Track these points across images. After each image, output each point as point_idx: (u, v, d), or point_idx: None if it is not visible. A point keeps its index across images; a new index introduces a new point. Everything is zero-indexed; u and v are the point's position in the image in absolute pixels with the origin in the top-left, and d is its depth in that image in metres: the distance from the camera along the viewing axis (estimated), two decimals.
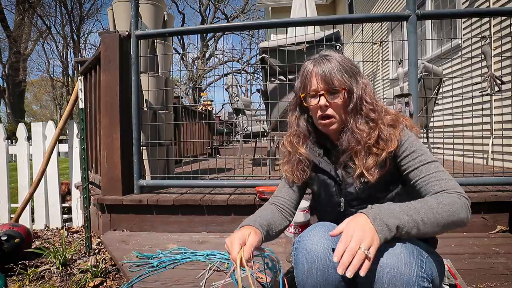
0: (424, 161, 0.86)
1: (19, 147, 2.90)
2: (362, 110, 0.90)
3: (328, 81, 0.89)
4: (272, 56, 2.51)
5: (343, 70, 0.90)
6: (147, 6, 2.64)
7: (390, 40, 5.73)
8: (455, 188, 0.81)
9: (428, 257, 0.77)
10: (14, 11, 20.51)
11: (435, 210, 0.75)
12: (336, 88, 0.89)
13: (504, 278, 1.29)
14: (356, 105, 0.90)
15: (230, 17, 23.36)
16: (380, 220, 0.72)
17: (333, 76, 0.89)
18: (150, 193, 2.22)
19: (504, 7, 3.03)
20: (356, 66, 0.94)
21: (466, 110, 3.12)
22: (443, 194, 0.80)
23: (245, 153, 4.99)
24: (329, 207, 1.00)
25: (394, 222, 0.72)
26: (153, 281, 1.40)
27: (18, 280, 1.68)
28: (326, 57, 0.92)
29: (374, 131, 0.89)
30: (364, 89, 0.92)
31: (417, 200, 0.79)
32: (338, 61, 0.91)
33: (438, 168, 0.86)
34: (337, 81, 0.89)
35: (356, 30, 7.81)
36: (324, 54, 0.93)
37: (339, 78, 0.89)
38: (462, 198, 0.79)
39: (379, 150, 0.88)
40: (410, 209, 0.75)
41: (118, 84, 2.14)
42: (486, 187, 2.02)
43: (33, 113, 30.32)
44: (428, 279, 0.73)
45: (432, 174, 0.85)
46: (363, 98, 0.91)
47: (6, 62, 20.14)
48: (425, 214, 0.74)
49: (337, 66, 0.90)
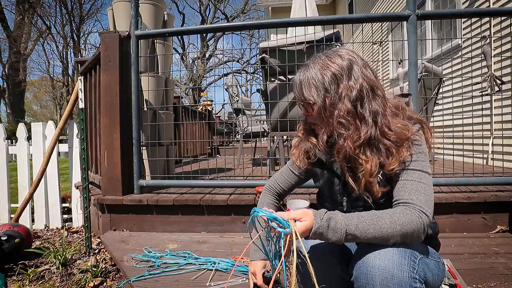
0: (411, 167, 0.84)
1: (19, 147, 2.90)
2: (339, 117, 0.85)
3: (300, 93, 0.90)
4: (272, 56, 2.51)
5: (314, 82, 0.87)
6: (147, 6, 2.64)
7: (390, 40, 5.73)
8: (421, 205, 0.79)
9: (422, 259, 0.78)
10: (14, 11, 20.54)
11: (385, 230, 0.76)
12: (305, 99, 0.89)
13: (504, 278, 1.29)
14: (331, 114, 0.87)
15: (230, 17, 23.36)
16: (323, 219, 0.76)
17: (301, 88, 0.89)
18: (150, 193, 2.22)
19: (504, 7, 3.03)
20: (345, 68, 0.86)
21: (466, 110, 3.12)
22: (403, 211, 0.78)
23: (245, 153, 4.99)
24: (331, 205, 1.00)
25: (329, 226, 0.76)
26: (153, 281, 1.40)
27: (18, 280, 1.68)
28: (308, 65, 0.90)
29: (355, 135, 0.85)
30: (343, 98, 0.85)
31: (371, 215, 0.79)
32: (313, 72, 0.88)
33: (421, 179, 0.83)
34: (303, 94, 0.89)
35: (356, 30, 7.80)
36: (308, 61, 0.92)
37: (304, 93, 0.89)
38: (421, 218, 0.77)
39: (363, 159, 0.85)
40: (359, 219, 0.77)
41: (118, 84, 2.14)
42: (486, 187, 2.02)
43: (33, 113, 30.33)
44: (421, 280, 0.75)
45: (410, 181, 0.82)
46: (339, 106, 0.85)
47: (6, 62, 20.14)
48: (372, 231, 0.76)
49: (307, 79, 0.88)
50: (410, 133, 0.84)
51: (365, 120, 0.84)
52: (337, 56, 0.87)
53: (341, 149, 0.86)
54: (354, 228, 0.75)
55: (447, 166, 2.41)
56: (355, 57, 0.88)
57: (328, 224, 0.75)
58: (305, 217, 0.76)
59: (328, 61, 0.87)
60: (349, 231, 0.75)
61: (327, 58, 0.88)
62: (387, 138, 0.84)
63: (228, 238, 1.91)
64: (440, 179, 2.02)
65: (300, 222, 0.75)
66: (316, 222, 0.75)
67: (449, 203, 1.81)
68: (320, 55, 0.91)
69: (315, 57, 0.92)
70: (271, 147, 2.93)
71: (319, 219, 0.75)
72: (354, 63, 0.86)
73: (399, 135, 0.83)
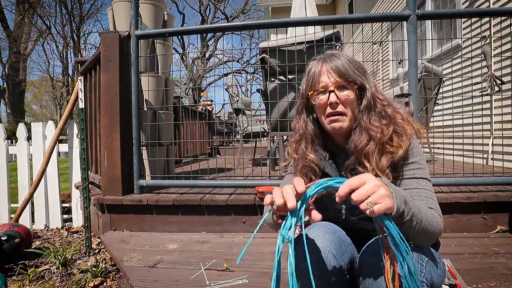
0: (419, 175, 0.86)
1: (19, 147, 2.90)
2: (376, 107, 0.88)
3: (341, 75, 0.87)
4: (272, 56, 2.50)
5: (354, 66, 0.88)
6: (147, 6, 2.64)
7: (390, 40, 5.73)
8: (439, 211, 0.82)
9: (429, 261, 0.77)
10: (14, 11, 20.54)
11: (427, 226, 0.75)
12: (349, 81, 0.87)
13: (504, 278, 1.29)
14: (369, 102, 0.88)
15: (230, 17, 23.36)
16: (394, 190, 0.68)
17: (347, 69, 0.87)
18: (150, 193, 2.22)
19: (504, 7, 3.03)
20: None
21: (466, 110, 3.12)
22: (435, 214, 0.80)
23: (245, 153, 4.99)
24: (330, 212, 0.97)
25: (405, 198, 0.69)
26: (153, 281, 1.40)
27: (18, 280, 1.68)
28: (334, 55, 0.90)
29: (388, 127, 0.86)
30: (375, 86, 0.90)
31: (420, 204, 0.77)
32: (347, 58, 0.89)
33: (428, 187, 0.86)
34: (350, 75, 0.87)
35: (356, 30, 7.80)
36: (331, 53, 0.91)
37: (351, 73, 0.87)
38: (442, 225, 0.80)
39: (393, 147, 0.85)
40: (418, 206, 0.74)
41: (118, 84, 2.14)
42: (486, 187, 2.02)
43: (33, 113, 30.32)
44: (428, 283, 0.74)
45: (422, 190, 0.84)
46: (376, 94, 0.89)
47: (6, 62, 20.14)
48: (425, 220, 0.74)
49: (347, 63, 0.88)
50: (409, 130, 0.88)
51: (388, 116, 0.88)
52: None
53: (364, 141, 0.85)
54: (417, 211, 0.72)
55: (447, 166, 2.41)
56: None
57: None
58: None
59: (352, 58, 0.91)
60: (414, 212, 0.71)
61: (345, 55, 0.91)
62: (397, 135, 0.87)
63: (228, 238, 1.91)
64: (440, 179, 2.02)
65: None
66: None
67: (449, 203, 1.81)
68: (332, 51, 0.93)
69: (331, 52, 0.92)
70: (271, 147, 2.93)
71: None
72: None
73: (403, 131, 0.88)
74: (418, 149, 0.89)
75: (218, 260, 1.57)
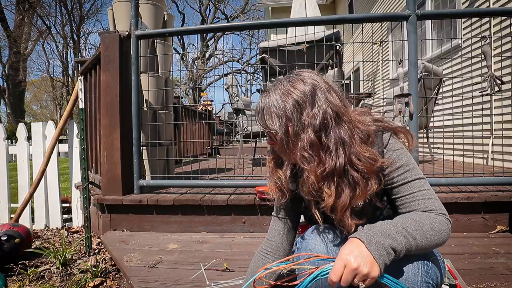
0: (410, 178, 0.81)
1: (19, 147, 2.90)
2: (304, 151, 0.79)
3: (261, 121, 0.84)
4: (272, 56, 2.51)
5: (274, 112, 0.81)
6: (147, 6, 2.63)
7: (390, 40, 5.73)
8: (441, 210, 0.79)
9: (433, 262, 0.77)
10: (14, 11, 20.53)
11: (429, 237, 0.73)
12: (268, 130, 0.83)
13: (504, 278, 1.29)
14: (294, 146, 0.80)
15: (230, 17, 23.38)
16: (376, 244, 0.67)
17: (264, 117, 0.83)
18: (150, 193, 2.22)
19: (504, 7, 3.03)
20: (308, 94, 0.79)
21: (466, 110, 3.12)
22: (435, 218, 0.77)
23: (245, 153, 4.99)
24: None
25: (391, 244, 0.68)
26: (153, 281, 1.40)
27: (18, 280, 1.68)
28: (270, 91, 0.84)
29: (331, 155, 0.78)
30: (309, 123, 0.78)
31: (409, 220, 0.74)
32: (273, 99, 0.82)
33: (423, 186, 0.81)
34: (268, 123, 0.82)
35: (356, 30, 7.80)
36: (275, 82, 0.85)
37: (267, 121, 0.82)
38: (449, 223, 0.78)
39: (363, 166, 0.79)
40: (406, 231, 0.71)
41: (118, 84, 2.14)
42: (486, 187, 2.02)
43: (33, 113, 30.33)
44: (433, 284, 0.75)
45: (417, 193, 0.80)
46: (300, 137, 0.79)
47: (6, 62, 20.14)
48: (420, 240, 0.71)
49: (271, 107, 0.82)
50: (378, 163, 0.79)
51: (330, 151, 0.78)
52: (299, 81, 0.81)
53: (305, 182, 0.81)
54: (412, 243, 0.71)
55: (447, 166, 2.41)
56: (319, 81, 0.81)
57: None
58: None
59: (290, 87, 0.81)
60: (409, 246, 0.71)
61: (288, 84, 0.82)
62: (355, 169, 0.78)
63: (228, 238, 1.91)
64: (440, 179, 2.02)
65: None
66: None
67: (449, 203, 1.81)
68: (282, 79, 0.85)
69: (277, 81, 0.86)
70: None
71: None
72: (317, 88, 0.80)
73: (367, 165, 0.78)
74: (400, 152, 0.83)
75: (218, 260, 1.57)
